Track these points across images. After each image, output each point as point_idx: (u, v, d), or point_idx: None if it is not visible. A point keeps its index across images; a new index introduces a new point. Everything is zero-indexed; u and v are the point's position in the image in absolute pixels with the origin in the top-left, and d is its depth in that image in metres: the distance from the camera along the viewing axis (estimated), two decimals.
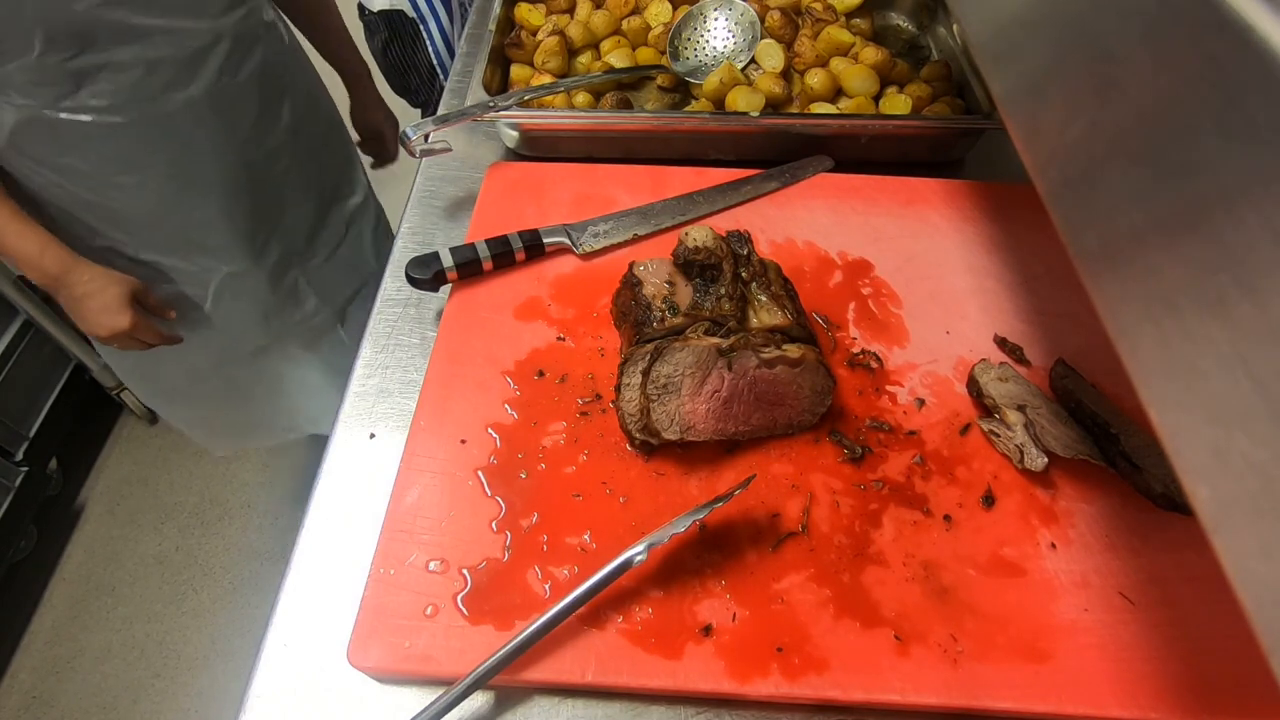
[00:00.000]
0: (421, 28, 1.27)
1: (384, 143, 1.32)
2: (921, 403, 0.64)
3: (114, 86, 0.84)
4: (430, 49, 1.29)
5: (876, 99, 0.87)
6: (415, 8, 1.25)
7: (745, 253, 0.65)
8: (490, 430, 0.61)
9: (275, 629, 0.54)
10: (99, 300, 0.94)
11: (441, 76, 1.33)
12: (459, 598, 0.52)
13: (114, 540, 1.71)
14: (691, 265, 0.63)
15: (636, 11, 0.95)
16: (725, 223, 0.77)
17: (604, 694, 0.51)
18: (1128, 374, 0.28)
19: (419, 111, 1.49)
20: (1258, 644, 0.23)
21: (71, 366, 1.74)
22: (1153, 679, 0.50)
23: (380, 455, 0.62)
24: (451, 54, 1.30)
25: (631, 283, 0.65)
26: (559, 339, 0.67)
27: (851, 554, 0.55)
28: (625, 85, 0.92)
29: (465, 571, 0.53)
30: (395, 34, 1.32)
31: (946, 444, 0.61)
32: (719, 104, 0.86)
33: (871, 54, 0.87)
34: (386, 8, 1.28)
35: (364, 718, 0.51)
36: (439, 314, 0.70)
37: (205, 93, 0.91)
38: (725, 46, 0.92)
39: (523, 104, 0.81)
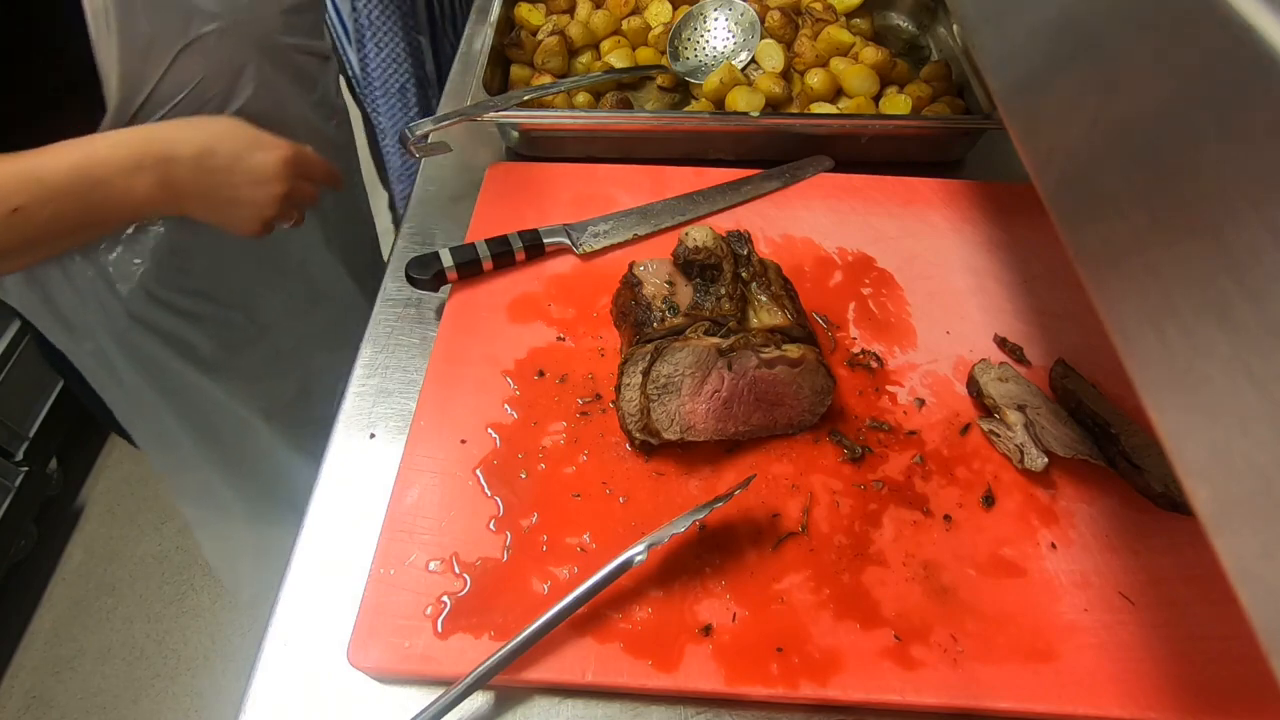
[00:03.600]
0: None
1: None
2: (921, 403, 0.64)
3: None
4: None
5: (876, 99, 0.87)
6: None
7: (745, 253, 0.65)
8: (490, 430, 0.61)
9: (275, 629, 0.54)
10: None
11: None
12: (458, 598, 0.52)
13: (114, 540, 1.71)
14: (691, 265, 0.63)
15: (636, 11, 0.95)
16: (725, 223, 0.77)
17: (604, 694, 0.51)
18: (1128, 374, 0.28)
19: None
20: (1258, 644, 0.23)
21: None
22: (1153, 679, 0.50)
23: (380, 455, 0.62)
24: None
25: (631, 283, 0.65)
26: (559, 339, 0.67)
27: (851, 554, 0.55)
28: (625, 85, 0.92)
29: (465, 572, 0.53)
30: None
31: (946, 444, 0.61)
32: (719, 104, 0.86)
33: (871, 54, 0.87)
34: None
35: (364, 718, 0.51)
36: (439, 314, 0.70)
37: None
38: (725, 46, 0.92)
39: (523, 104, 0.81)
